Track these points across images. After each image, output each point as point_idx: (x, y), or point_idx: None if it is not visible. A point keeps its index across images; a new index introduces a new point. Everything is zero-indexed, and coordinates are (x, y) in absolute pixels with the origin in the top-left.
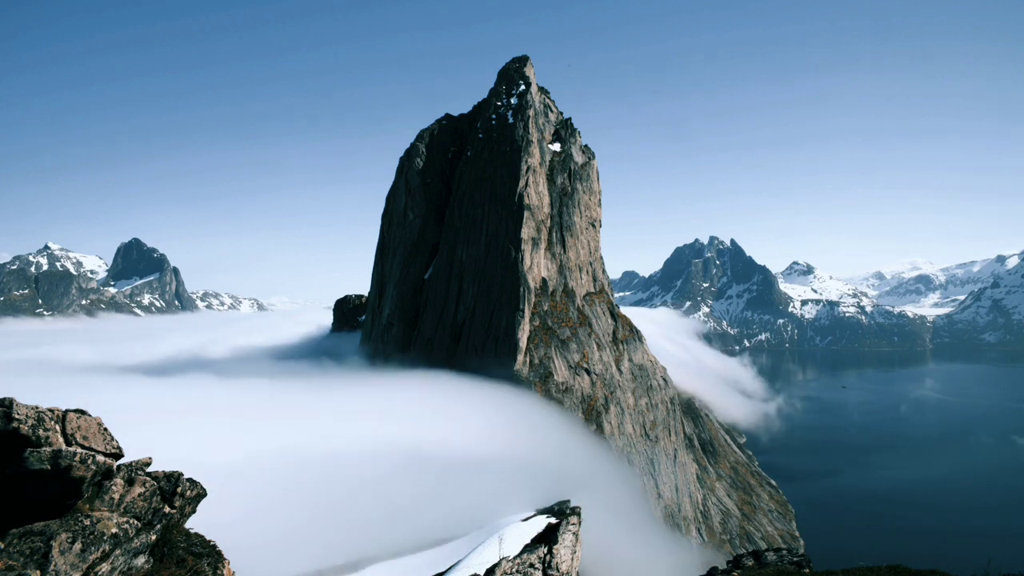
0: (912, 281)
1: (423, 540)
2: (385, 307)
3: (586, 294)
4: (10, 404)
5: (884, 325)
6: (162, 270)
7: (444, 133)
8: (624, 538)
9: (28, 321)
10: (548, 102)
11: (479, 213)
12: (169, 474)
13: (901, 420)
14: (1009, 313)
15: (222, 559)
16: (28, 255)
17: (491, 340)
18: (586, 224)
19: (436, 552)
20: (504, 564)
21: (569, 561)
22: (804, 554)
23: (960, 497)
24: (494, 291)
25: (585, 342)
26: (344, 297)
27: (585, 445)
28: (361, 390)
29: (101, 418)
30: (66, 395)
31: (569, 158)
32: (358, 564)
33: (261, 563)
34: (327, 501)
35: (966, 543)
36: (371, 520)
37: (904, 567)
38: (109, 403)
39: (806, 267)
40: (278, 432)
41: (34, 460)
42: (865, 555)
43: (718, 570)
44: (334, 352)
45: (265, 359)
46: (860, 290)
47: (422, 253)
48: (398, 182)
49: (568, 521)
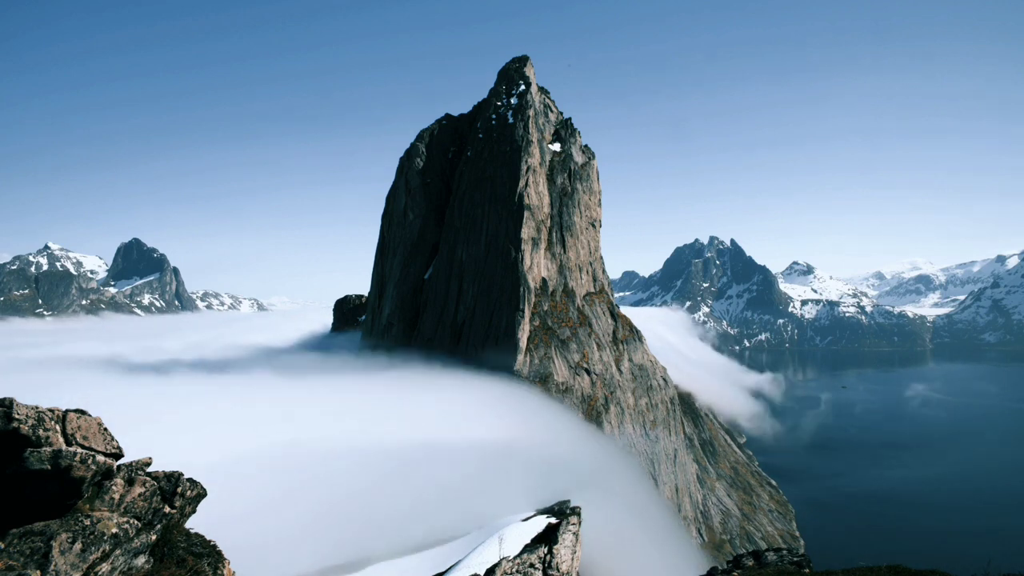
0: (912, 281)
1: (423, 540)
2: (385, 307)
3: (586, 294)
4: (10, 404)
5: (884, 325)
6: (162, 270)
7: (444, 133)
8: (632, 534)
9: (28, 321)
10: (548, 102)
11: (479, 213)
12: (169, 474)
13: (901, 420)
14: (1009, 313)
15: (222, 559)
16: (28, 255)
17: (491, 340)
18: (586, 224)
19: (436, 552)
20: (504, 564)
21: (569, 561)
22: (804, 554)
23: (960, 497)
24: (494, 291)
25: (585, 342)
26: (344, 297)
27: (587, 443)
28: (361, 390)
29: (101, 418)
30: (66, 395)
31: (569, 158)
32: (358, 564)
33: (261, 563)
34: (327, 501)
35: (966, 543)
36: (371, 520)
37: (904, 567)
38: (109, 403)
39: (806, 267)
40: (278, 432)
41: (34, 460)
42: (865, 555)
43: (718, 570)
44: (334, 352)
45: (265, 359)
46: (860, 290)
47: (422, 253)
48: (398, 182)
49: (568, 521)
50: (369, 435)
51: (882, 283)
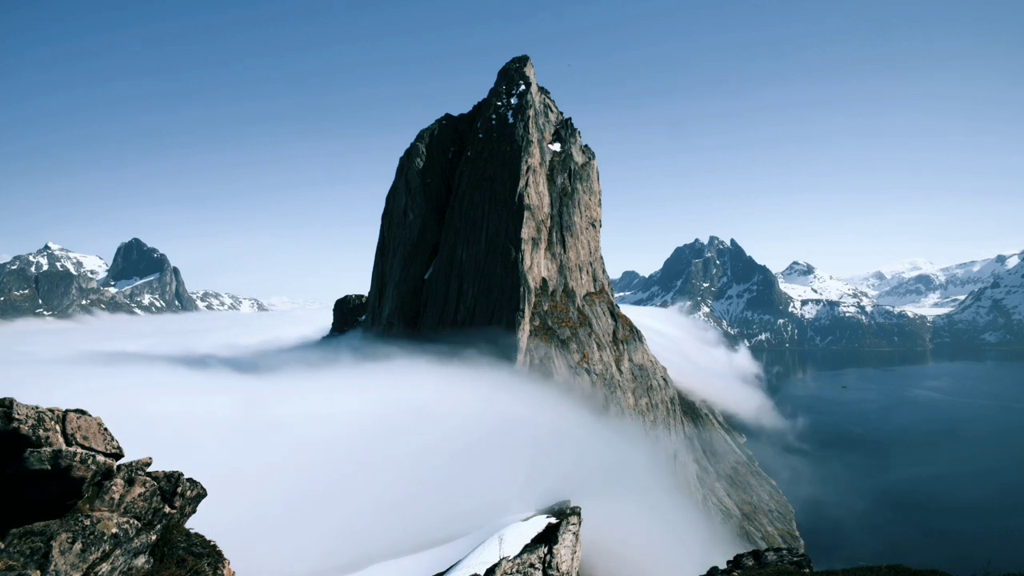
0: (912, 281)
1: (423, 540)
2: (385, 307)
3: (586, 294)
4: (10, 404)
5: (884, 325)
6: (162, 270)
7: (444, 133)
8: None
9: (28, 321)
10: (548, 102)
11: (479, 213)
12: (169, 474)
13: (901, 420)
14: (1009, 313)
15: (222, 559)
16: (28, 255)
17: (491, 340)
18: (586, 224)
19: (436, 552)
20: (504, 564)
21: (569, 561)
22: (804, 554)
23: (960, 497)
24: (494, 291)
25: (585, 342)
26: (344, 297)
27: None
28: (361, 390)
29: (101, 418)
30: (66, 395)
31: (569, 158)
32: (358, 564)
33: (261, 563)
34: (327, 501)
35: (966, 543)
36: (371, 520)
37: (904, 567)
38: (109, 402)
39: (806, 267)
40: (278, 431)
41: (34, 460)
42: (865, 555)
43: (718, 570)
44: (334, 352)
45: (265, 359)
46: (860, 290)
47: (422, 253)
48: (398, 182)
49: (568, 521)
50: (369, 435)
51: (882, 283)
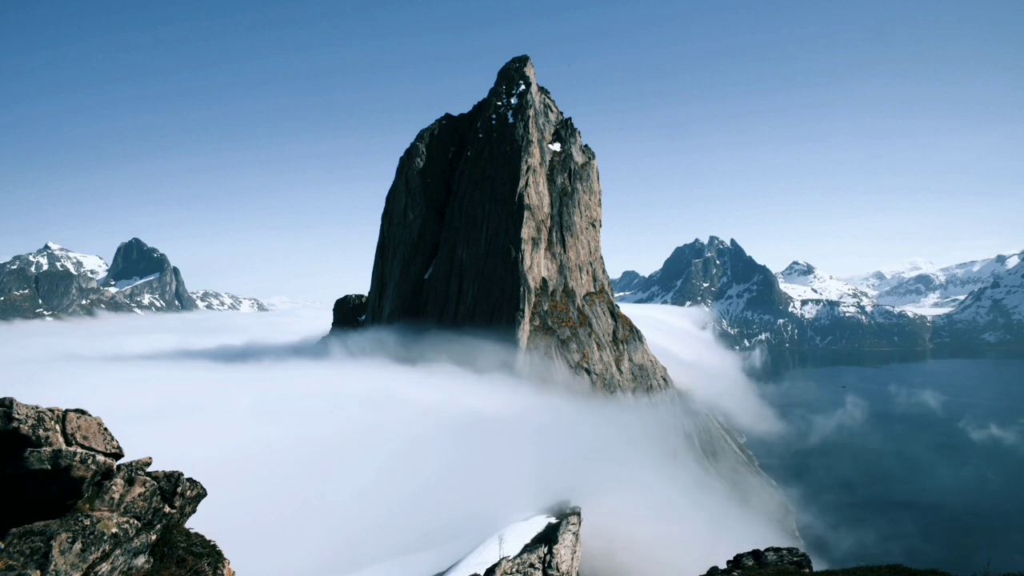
0: (912, 281)
1: (423, 540)
2: (385, 307)
3: (586, 294)
4: (10, 404)
5: (884, 325)
6: (162, 270)
7: (444, 133)
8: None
9: (28, 321)
10: (548, 102)
11: (479, 213)
12: (169, 474)
13: (900, 420)
14: (1009, 313)
15: (222, 559)
16: (28, 255)
17: (491, 339)
18: (586, 224)
19: (436, 552)
20: (504, 564)
21: (569, 561)
22: (804, 554)
23: (959, 497)
24: (494, 291)
25: (585, 342)
26: (344, 297)
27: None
28: (360, 388)
29: (101, 418)
30: (66, 394)
31: (569, 158)
32: (358, 564)
33: (261, 563)
34: (328, 501)
35: (966, 543)
36: (372, 520)
37: (904, 567)
38: (109, 402)
39: (806, 267)
40: (277, 431)
41: (34, 460)
42: (865, 555)
43: (718, 570)
44: (333, 351)
45: (264, 358)
46: (860, 290)
47: (422, 253)
48: (398, 182)
49: (568, 521)
50: (369, 435)
51: (882, 283)
